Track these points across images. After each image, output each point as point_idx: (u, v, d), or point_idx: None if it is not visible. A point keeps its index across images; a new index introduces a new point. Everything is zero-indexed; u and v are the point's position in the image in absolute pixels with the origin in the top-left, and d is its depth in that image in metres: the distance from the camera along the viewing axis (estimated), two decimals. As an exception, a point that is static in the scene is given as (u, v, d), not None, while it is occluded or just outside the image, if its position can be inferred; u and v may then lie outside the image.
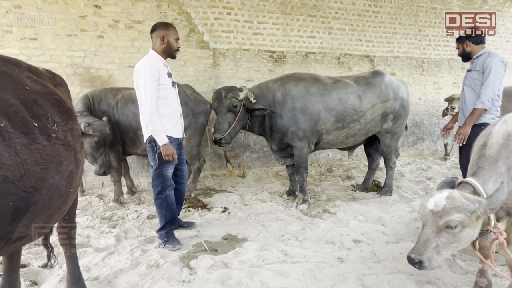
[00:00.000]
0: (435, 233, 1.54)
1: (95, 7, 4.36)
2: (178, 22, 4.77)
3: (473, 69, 2.90)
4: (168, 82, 2.62)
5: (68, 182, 1.44)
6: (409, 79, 6.33)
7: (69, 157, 1.45)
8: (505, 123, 1.78)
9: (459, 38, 3.06)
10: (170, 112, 2.65)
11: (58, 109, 1.51)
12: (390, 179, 3.94)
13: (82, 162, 1.66)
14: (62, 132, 1.44)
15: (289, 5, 5.35)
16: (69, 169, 1.44)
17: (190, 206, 3.61)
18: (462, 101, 3.05)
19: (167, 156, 2.52)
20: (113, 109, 3.68)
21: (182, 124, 2.83)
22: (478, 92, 2.87)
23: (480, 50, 2.91)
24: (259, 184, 4.53)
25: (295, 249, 2.58)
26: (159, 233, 2.72)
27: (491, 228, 1.61)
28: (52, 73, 1.86)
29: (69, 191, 1.47)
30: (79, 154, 1.57)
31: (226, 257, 2.45)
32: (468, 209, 1.47)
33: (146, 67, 2.47)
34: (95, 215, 3.38)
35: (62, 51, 4.27)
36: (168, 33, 2.59)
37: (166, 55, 2.65)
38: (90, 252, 2.57)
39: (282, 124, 3.45)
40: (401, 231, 2.91)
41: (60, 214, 1.54)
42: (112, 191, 3.97)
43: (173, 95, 2.69)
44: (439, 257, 1.54)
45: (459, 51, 3.05)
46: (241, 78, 5.23)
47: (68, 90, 1.94)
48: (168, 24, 2.65)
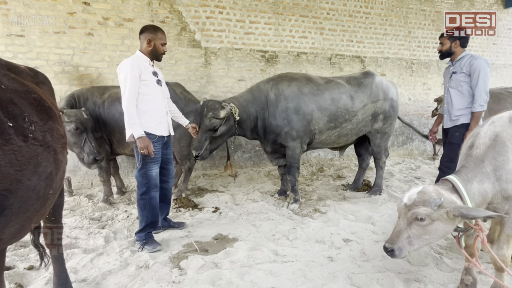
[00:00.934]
0: (406, 225, 1.65)
1: (84, 4, 4.28)
2: (169, 20, 4.73)
3: (459, 72, 2.95)
4: (151, 79, 2.61)
5: (47, 184, 1.40)
6: (399, 80, 6.42)
7: (48, 158, 1.40)
8: (492, 124, 1.82)
9: (451, 35, 3.02)
10: (154, 110, 2.62)
11: (37, 109, 1.46)
12: (380, 179, 3.99)
13: (63, 163, 1.61)
14: (41, 132, 1.40)
15: (281, 5, 5.36)
16: (48, 170, 1.40)
17: (181, 206, 3.58)
18: (447, 103, 3.09)
19: (142, 149, 2.47)
20: (99, 108, 3.60)
21: (168, 122, 2.79)
22: (465, 94, 2.93)
23: (462, 53, 2.99)
24: (251, 184, 4.53)
25: (286, 248, 2.59)
26: (138, 235, 2.64)
27: (472, 225, 1.65)
28: (34, 71, 1.82)
29: (48, 193, 1.42)
30: (60, 155, 1.53)
31: (217, 257, 2.44)
32: (434, 203, 1.56)
33: (127, 63, 2.50)
34: (84, 216, 3.32)
35: (50, 48, 4.19)
36: (155, 37, 2.62)
37: (152, 57, 2.68)
38: (78, 253, 2.52)
39: (276, 124, 3.45)
40: (390, 230, 2.92)
41: (39, 217, 1.49)
42: (101, 191, 3.92)
43: (157, 92, 2.66)
44: (411, 247, 1.64)
45: (444, 47, 3.03)
46: (233, 78, 5.22)
47: (51, 89, 1.90)
48: (157, 28, 2.67)
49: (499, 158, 1.67)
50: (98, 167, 3.69)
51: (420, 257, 2.38)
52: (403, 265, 2.32)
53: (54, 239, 1.93)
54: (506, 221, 1.72)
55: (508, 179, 1.64)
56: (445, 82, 3.20)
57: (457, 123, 3.00)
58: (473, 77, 2.86)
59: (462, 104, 2.96)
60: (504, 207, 1.70)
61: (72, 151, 3.37)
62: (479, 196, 1.69)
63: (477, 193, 1.68)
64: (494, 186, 1.69)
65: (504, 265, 1.69)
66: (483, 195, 1.69)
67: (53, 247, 1.95)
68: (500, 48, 7.27)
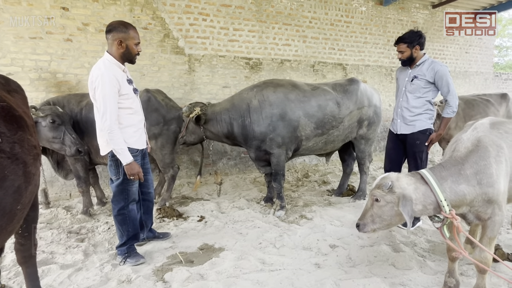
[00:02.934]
0: (370, 205, 1.86)
1: (62, 9, 4.16)
2: (152, 27, 4.68)
3: (420, 77, 2.86)
4: (130, 91, 2.36)
5: (15, 199, 1.32)
6: (380, 86, 6.62)
7: (16, 171, 1.33)
8: (475, 130, 1.90)
9: (408, 41, 2.85)
10: (136, 123, 2.44)
11: (5, 118, 1.39)
12: (364, 184, 4.06)
13: (35, 176, 1.53)
14: (8, 144, 1.33)
15: (264, 13, 5.42)
16: (16, 184, 1.32)
17: (165, 216, 3.49)
18: (401, 107, 3.00)
19: (132, 175, 2.31)
20: (76, 116, 3.45)
21: (146, 133, 2.65)
22: (422, 100, 2.90)
23: (422, 57, 2.91)
24: (236, 191, 4.49)
25: (273, 256, 2.57)
26: (120, 249, 2.50)
27: (445, 214, 1.72)
28: (6, 79, 1.72)
29: (16, 208, 1.34)
30: (30, 167, 1.44)
31: (203, 268, 2.38)
32: (385, 186, 1.76)
33: (103, 77, 2.18)
34: (61, 229, 3.17)
35: (25, 54, 4.02)
36: (126, 36, 2.27)
37: (124, 60, 2.37)
38: (55, 269, 2.39)
39: (259, 131, 3.43)
40: (375, 234, 2.99)
41: (6, 235, 1.40)
42: (80, 203, 3.76)
43: (136, 103, 2.46)
44: (373, 225, 1.85)
45: (406, 55, 2.89)
46: (217, 84, 5.20)
47: (25, 97, 1.80)
48: (127, 25, 2.30)
49: (480, 162, 1.73)
50: (77, 177, 3.55)
51: (405, 261, 2.41)
52: (389, 270, 2.35)
53: (27, 256, 1.81)
54: (488, 225, 1.77)
55: (489, 183, 1.70)
56: (400, 84, 3.07)
57: (414, 130, 2.95)
58: (441, 84, 2.81)
59: (417, 110, 2.92)
60: (487, 210, 1.75)
61: (53, 148, 3.23)
62: (453, 195, 1.73)
63: (448, 191, 1.73)
64: (475, 189, 1.74)
65: (486, 266, 1.74)
66: (459, 196, 1.74)
67: (27, 264, 1.83)
68: (472, 57, 7.66)
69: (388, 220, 1.80)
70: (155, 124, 3.58)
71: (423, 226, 3.12)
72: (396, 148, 3.14)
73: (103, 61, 2.29)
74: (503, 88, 8.19)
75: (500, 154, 1.74)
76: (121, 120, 2.32)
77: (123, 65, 2.39)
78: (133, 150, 2.41)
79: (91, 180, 3.81)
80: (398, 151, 3.13)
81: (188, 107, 3.52)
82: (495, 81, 8.14)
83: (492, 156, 1.73)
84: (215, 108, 3.59)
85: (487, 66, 7.92)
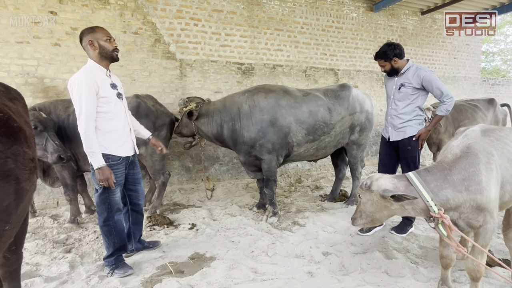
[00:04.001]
0: (359, 202, 2.01)
1: (50, 13, 4.09)
2: (142, 31, 4.63)
3: (408, 85, 2.89)
4: (111, 94, 2.29)
5: (2, 220, 1.23)
6: (371, 91, 6.68)
7: (5, 189, 1.23)
8: (466, 137, 1.91)
9: (384, 56, 2.90)
10: (117, 129, 2.33)
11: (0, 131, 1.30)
12: (356, 189, 4.05)
13: (29, 192, 1.44)
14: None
15: (256, 19, 5.43)
16: (4, 204, 1.23)
17: (156, 224, 3.41)
18: (391, 115, 3.03)
19: (101, 181, 2.21)
20: (63, 122, 3.35)
21: (133, 140, 2.52)
22: (411, 106, 2.92)
23: (405, 64, 2.92)
24: (229, 198, 4.44)
25: (265, 265, 2.52)
26: (107, 260, 2.42)
27: (434, 214, 1.74)
28: (6, 87, 1.63)
29: (4, 229, 1.25)
30: (24, 183, 1.35)
31: (193, 279, 2.32)
32: (364, 185, 1.91)
33: (80, 78, 2.13)
34: (47, 239, 3.07)
35: (11, 59, 3.93)
36: (95, 35, 2.24)
37: (105, 59, 2.31)
38: (39, 282, 2.30)
39: (249, 136, 3.40)
40: (368, 241, 2.98)
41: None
42: (68, 211, 3.65)
43: (119, 108, 2.35)
44: (361, 220, 1.98)
45: (386, 68, 2.95)
46: (209, 90, 5.17)
47: (25, 105, 1.71)
48: (92, 27, 2.31)
49: (469, 169, 1.73)
50: (64, 185, 3.45)
51: (397, 268, 2.40)
52: (382, 277, 2.33)
53: (11, 271, 1.72)
54: (480, 232, 1.77)
55: (477, 190, 1.70)
56: (388, 93, 3.11)
57: (405, 136, 2.97)
58: (431, 89, 2.83)
59: (407, 117, 2.95)
60: (477, 218, 1.75)
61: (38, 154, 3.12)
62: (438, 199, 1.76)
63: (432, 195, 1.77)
64: (462, 195, 1.74)
65: (479, 275, 1.73)
66: (441, 200, 1.76)
67: (9, 280, 1.74)
68: (460, 62, 7.81)
69: (371, 215, 1.93)
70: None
71: (415, 231, 3.12)
72: (389, 154, 3.15)
73: (84, 67, 2.27)
74: (490, 93, 8.36)
75: (491, 161, 1.75)
76: (100, 125, 2.24)
77: (105, 69, 2.33)
78: (115, 157, 2.32)
79: (79, 187, 3.71)
80: (391, 157, 3.15)
81: (184, 100, 3.58)
82: (483, 86, 8.31)
83: (482, 163, 1.73)
84: (209, 107, 3.60)
85: (475, 71, 8.09)
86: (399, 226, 3.14)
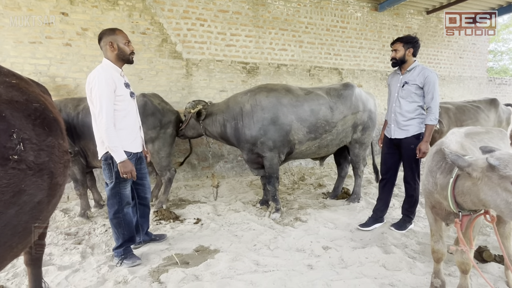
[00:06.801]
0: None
1: (62, 14, 4.23)
2: (150, 32, 4.75)
3: (411, 83, 2.94)
4: (126, 93, 2.42)
5: (32, 216, 1.15)
6: (375, 91, 6.71)
7: (37, 184, 1.15)
8: (453, 134, 1.98)
9: (405, 40, 2.93)
10: (129, 126, 2.47)
11: (35, 122, 1.22)
12: (358, 187, 4.12)
13: (62, 186, 1.39)
14: (33, 151, 1.15)
15: (261, 19, 5.52)
16: (36, 199, 1.15)
17: (162, 218, 3.54)
18: (395, 112, 3.07)
19: (125, 174, 2.33)
20: (73, 120, 3.49)
21: (142, 137, 2.66)
22: (414, 104, 2.97)
23: (412, 62, 2.98)
24: (233, 194, 4.55)
25: (267, 258, 2.62)
26: (116, 251, 2.54)
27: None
28: (35, 82, 1.71)
29: (32, 226, 1.18)
30: (59, 178, 1.28)
31: (198, 270, 2.43)
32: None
33: (100, 77, 2.25)
34: (59, 231, 3.21)
35: (24, 58, 4.09)
36: (115, 38, 2.38)
37: (121, 61, 2.45)
38: (53, 270, 2.43)
39: (250, 135, 3.50)
40: (367, 236, 3.05)
41: (16, 253, 1.22)
42: (78, 205, 3.80)
43: (132, 107, 2.51)
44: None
45: (398, 54, 2.96)
46: (214, 89, 5.27)
47: (52, 101, 1.76)
48: (113, 29, 2.44)
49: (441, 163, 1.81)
50: (74, 180, 3.60)
51: (395, 262, 2.48)
52: (379, 271, 2.41)
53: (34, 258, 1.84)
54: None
55: None
56: (392, 90, 3.14)
57: (408, 134, 3.01)
58: (428, 90, 2.87)
59: (410, 115, 3.00)
60: None
61: None
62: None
63: None
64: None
65: (468, 268, 1.81)
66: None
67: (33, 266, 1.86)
68: (466, 62, 7.78)
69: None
70: (151, 128, 3.64)
71: (414, 228, 3.18)
72: (391, 153, 3.21)
73: (101, 66, 2.40)
74: (497, 92, 8.31)
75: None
76: (115, 122, 2.35)
77: (120, 69, 2.47)
78: (127, 153, 2.42)
79: (88, 183, 3.85)
80: (393, 155, 3.20)
81: (191, 103, 3.74)
82: (489, 85, 8.26)
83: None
84: (213, 108, 3.75)
85: (481, 71, 8.05)
86: (399, 222, 3.20)
